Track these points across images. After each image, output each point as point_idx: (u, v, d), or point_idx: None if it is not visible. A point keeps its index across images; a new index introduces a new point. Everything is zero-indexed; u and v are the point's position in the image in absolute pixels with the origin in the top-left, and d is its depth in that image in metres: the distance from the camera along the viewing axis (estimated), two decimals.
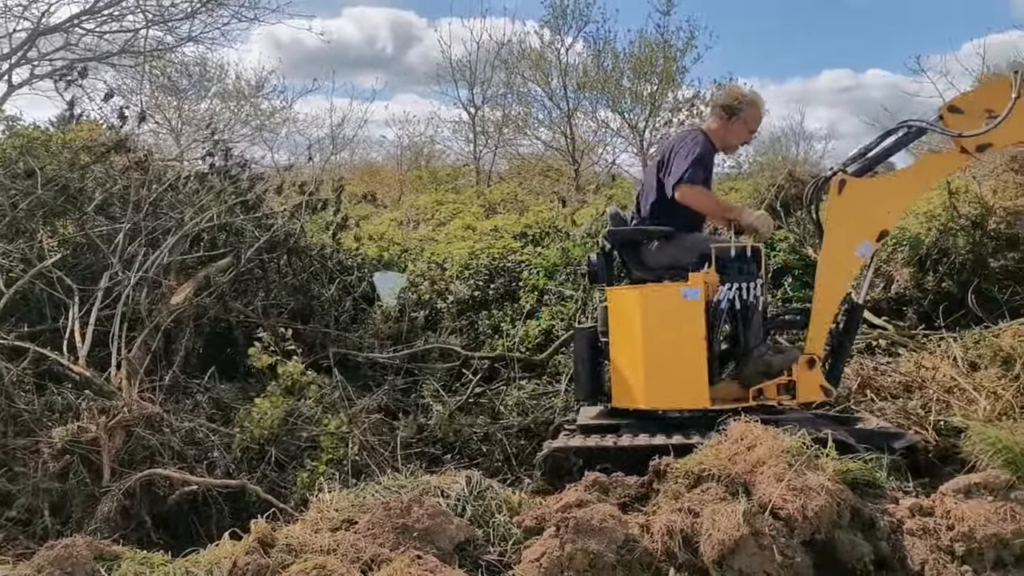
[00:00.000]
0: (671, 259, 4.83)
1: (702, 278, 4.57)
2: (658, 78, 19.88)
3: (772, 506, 3.46)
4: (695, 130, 5.18)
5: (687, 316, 4.55)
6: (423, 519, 3.35)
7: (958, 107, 4.66)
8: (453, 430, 5.74)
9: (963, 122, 4.60)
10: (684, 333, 4.56)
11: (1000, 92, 4.58)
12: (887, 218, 4.74)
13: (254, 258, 6.75)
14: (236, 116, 19.93)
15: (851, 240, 4.67)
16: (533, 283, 7.67)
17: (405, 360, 6.74)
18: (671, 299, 4.61)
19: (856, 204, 4.65)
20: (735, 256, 4.62)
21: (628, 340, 4.72)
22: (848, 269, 4.76)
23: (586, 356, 4.95)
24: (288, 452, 4.94)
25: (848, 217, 4.67)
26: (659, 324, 4.60)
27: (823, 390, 4.71)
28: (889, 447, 4.49)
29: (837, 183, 4.67)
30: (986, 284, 7.15)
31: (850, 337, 4.95)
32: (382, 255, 8.88)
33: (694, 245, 4.82)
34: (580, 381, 5.00)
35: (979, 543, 3.45)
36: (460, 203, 12.95)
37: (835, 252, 4.69)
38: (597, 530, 3.31)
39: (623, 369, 4.75)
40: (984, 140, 4.55)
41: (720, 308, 4.56)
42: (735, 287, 4.56)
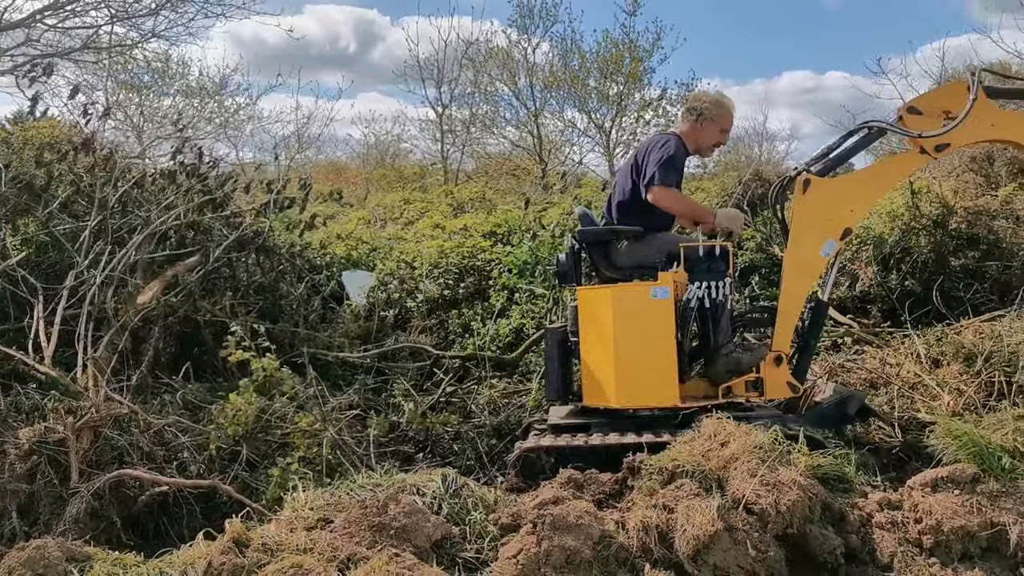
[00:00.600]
0: (640, 258, 4.88)
1: (671, 277, 4.61)
2: (624, 78, 19.99)
3: (745, 501, 3.50)
4: (668, 133, 5.23)
5: (657, 315, 4.59)
6: (400, 517, 3.35)
7: (917, 108, 4.76)
8: (425, 428, 5.73)
9: (922, 123, 4.70)
10: (654, 332, 4.59)
11: (957, 94, 4.69)
12: (850, 217, 4.80)
13: (222, 257, 6.68)
14: (199, 113, 19.72)
15: (816, 239, 4.73)
16: (503, 282, 7.67)
17: (376, 359, 6.72)
18: (641, 298, 4.64)
19: (820, 203, 4.71)
20: (703, 255, 4.68)
21: (598, 339, 4.75)
22: (813, 267, 4.81)
23: (556, 356, 4.96)
24: (259, 452, 4.90)
25: (813, 216, 4.73)
26: (629, 323, 4.63)
27: (790, 387, 4.78)
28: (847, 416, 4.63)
29: (802, 183, 4.73)
30: (948, 282, 7.29)
31: (815, 334, 5.02)
32: (350, 254, 8.83)
33: (662, 245, 4.87)
34: (550, 381, 5.01)
35: (946, 535, 3.52)
36: (428, 202, 12.92)
37: (801, 251, 4.75)
38: (574, 527, 3.32)
39: (593, 368, 4.77)
40: (943, 140, 4.64)
41: (690, 307, 4.61)
42: (704, 286, 4.62)
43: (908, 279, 7.36)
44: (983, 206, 7.96)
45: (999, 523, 3.48)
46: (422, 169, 21.29)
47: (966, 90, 4.65)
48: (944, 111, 4.71)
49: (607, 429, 4.58)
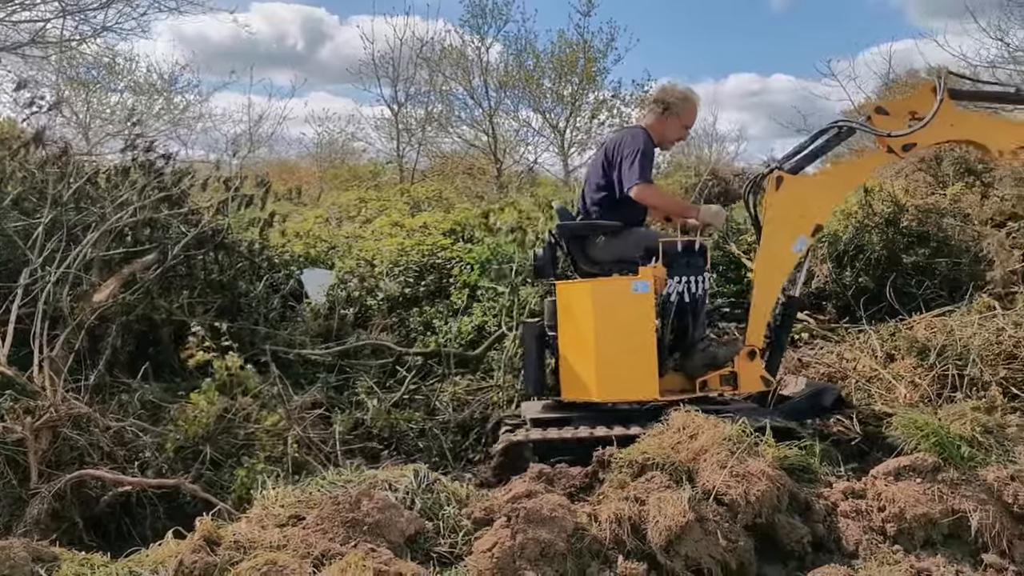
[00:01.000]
0: (618, 253, 4.92)
1: (651, 272, 4.66)
2: (579, 78, 20.09)
3: (716, 492, 3.56)
4: (637, 127, 5.24)
5: (637, 309, 4.64)
6: (373, 512, 3.34)
7: (885, 109, 4.90)
8: (390, 425, 5.70)
9: (889, 123, 4.83)
10: (634, 326, 4.65)
11: (923, 97, 4.83)
12: (821, 213, 4.92)
13: (180, 254, 6.57)
14: (148, 110, 19.35)
15: (789, 235, 4.82)
16: (464, 279, 7.66)
17: (337, 357, 6.66)
18: (621, 293, 4.68)
19: (793, 200, 4.80)
20: (681, 251, 4.74)
21: (578, 333, 4.78)
22: (786, 263, 4.90)
23: (534, 350, 4.97)
24: (223, 450, 4.83)
25: (785, 213, 4.81)
26: (610, 317, 4.67)
27: (763, 380, 4.86)
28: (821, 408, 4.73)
29: (775, 180, 4.82)
30: (900, 278, 7.44)
31: (786, 329, 5.12)
32: (309, 252, 8.75)
33: (640, 240, 4.92)
34: (529, 375, 5.01)
35: (909, 523, 3.62)
36: (385, 200, 12.84)
37: (774, 247, 4.84)
38: (547, 519, 3.35)
39: (573, 362, 4.80)
40: (910, 140, 4.76)
41: (669, 301, 4.67)
42: (683, 280, 4.67)
43: (862, 276, 7.51)
44: (933, 204, 8.16)
45: (960, 510, 3.59)
46: (376, 168, 21.16)
47: (931, 92, 4.80)
48: (911, 112, 4.85)
49: (588, 422, 4.61)
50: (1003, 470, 3.75)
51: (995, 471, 3.74)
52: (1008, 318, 6.35)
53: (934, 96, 4.78)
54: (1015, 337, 6.10)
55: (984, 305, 6.61)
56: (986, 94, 5.32)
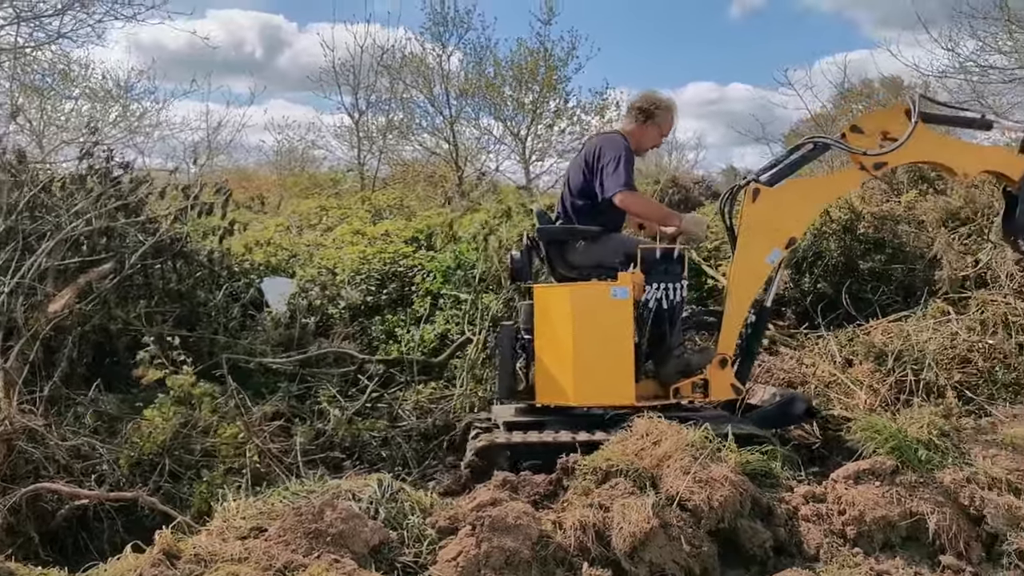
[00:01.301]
0: (597, 258, 4.95)
1: (630, 278, 4.69)
2: (540, 86, 20.15)
3: (679, 498, 3.59)
4: (615, 133, 5.28)
5: (616, 315, 4.68)
6: (337, 523, 3.31)
7: (859, 127, 4.97)
8: (352, 434, 5.66)
9: (862, 141, 4.91)
10: (612, 331, 4.68)
11: (896, 117, 4.93)
12: (795, 226, 4.98)
13: (137, 264, 6.47)
14: (104, 118, 19.03)
15: (763, 246, 4.88)
16: (427, 287, 7.65)
17: (299, 366, 6.60)
18: (600, 297, 4.71)
19: (768, 212, 4.86)
20: (660, 257, 4.78)
21: (555, 337, 4.80)
22: (760, 274, 4.96)
23: (510, 354, 4.97)
24: (183, 462, 4.76)
25: (761, 224, 4.87)
26: (588, 322, 4.70)
27: (733, 388, 4.91)
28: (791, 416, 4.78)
29: (752, 191, 4.87)
30: (857, 284, 7.56)
31: (757, 338, 5.17)
32: (269, 261, 8.67)
33: (619, 245, 4.97)
34: (503, 379, 4.99)
35: (869, 526, 3.67)
36: (346, 208, 12.77)
37: (748, 257, 4.89)
38: (512, 527, 3.35)
39: (549, 366, 4.81)
40: (882, 160, 4.85)
41: (648, 307, 4.71)
42: (661, 287, 4.72)
43: (820, 282, 7.61)
44: (888, 211, 8.29)
45: (918, 512, 3.65)
46: (337, 176, 21.03)
47: (904, 113, 4.90)
48: (883, 131, 4.93)
49: (562, 426, 4.63)
50: (959, 472, 3.83)
51: (951, 473, 3.81)
52: (961, 323, 6.49)
53: (906, 117, 4.88)
54: (968, 341, 6.25)
55: (938, 310, 6.75)
56: (955, 119, 5.40)
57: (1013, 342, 6.25)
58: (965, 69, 14.69)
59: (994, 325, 6.42)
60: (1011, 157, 5.10)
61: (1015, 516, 3.65)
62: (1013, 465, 3.94)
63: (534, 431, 4.64)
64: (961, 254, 7.37)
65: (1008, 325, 6.41)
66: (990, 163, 5.15)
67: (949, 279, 7.12)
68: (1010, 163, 5.06)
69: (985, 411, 5.58)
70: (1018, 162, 5.04)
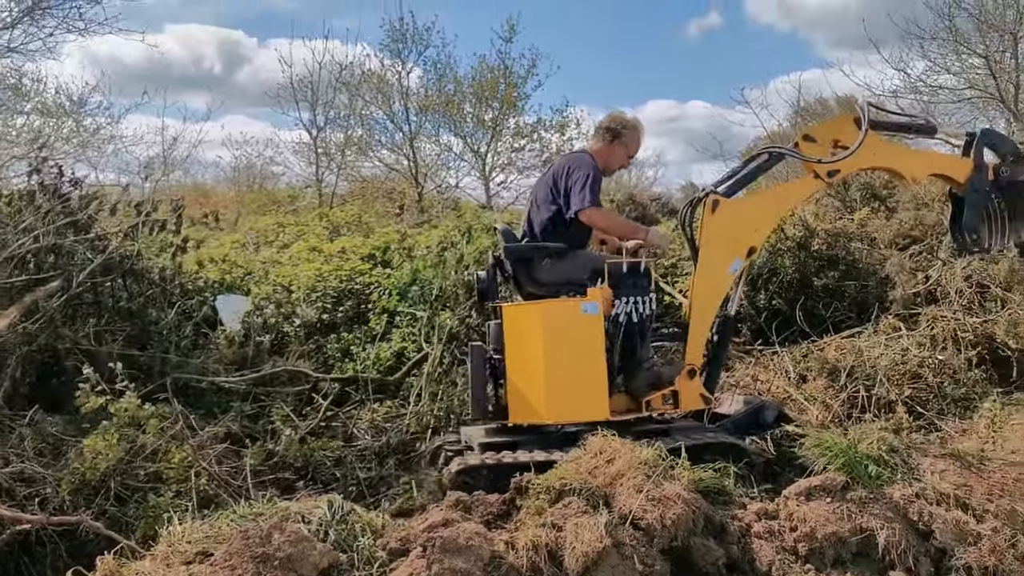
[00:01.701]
0: (565, 275, 4.96)
1: (600, 293, 4.70)
2: (500, 104, 20.20)
3: (632, 517, 3.57)
4: (583, 152, 5.31)
5: (587, 330, 4.67)
6: (285, 546, 3.24)
7: (812, 136, 5.08)
8: (304, 455, 5.57)
9: (815, 150, 5.03)
10: (584, 347, 4.67)
11: (845, 126, 5.06)
12: (755, 236, 5.05)
13: (86, 282, 6.35)
14: (57, 132, 18.70)
15: (724, 257, 4.94)
16: (383, 305, 7.59)
17: (252, 384, 6.51)
18: (571, 314, 4.71)
19: (728, 223, 4.92)
20: (627, 271, 4.80)
21: (526, 356, 4.77)
22: (722, 284, 5.01)
23: (481, 374, 4.92)
24: (129, 486, 4.65)
25: (721, 236, 4.93)
26: (559, 339, 4.69)
27: (703, 398, 4.96)
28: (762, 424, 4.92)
29: (711, 203, 4.92)
30: (811, 301, 7.64)
31: (723, 347, 5.23)
32: (224, 278, 8.55)
33: (586, 261, 5.00)
34: (476, 399, 4.93)
35: (820, 542, 3.68)
36: (303, 225, 12.66)
37: (710, 268, 4.94)
38: (464, 548, 3.30)
39: (521, 386, 4.78)
40: (835, 167, 4.96)
41: (618, 322, 4.72)
42: (631, 301, 4.73)
43: (775, 299, 7.68)
44: (841, 228, 8.42)
45: (868, 528, 3.67)
46: (294, 192, 20.86)
47: (853, 122, 5.03)
48: (834, 140, 5.06)
49: (537, 446, 4.58)
50: (908, 488, 3.86)
51: (901, 489, 3.84)
52: (912, 339, 6.58)
53: (855, 125, 5.02)
54: (919, 357, 6.33)
55: (890, 326, 6.85)
56: (901, 125, 5.56)
57: (962, 357, 6.35)
58: (916, 89, 15.02)
59: (944, 341, 6.53)
60: (956, 161, 5.33)
61: (963, 531, 3.69)
62: (961, 480, 3.99)
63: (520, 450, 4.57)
64: (912, 271, 7.49)
65: (957, 341, 6.53)
66: (936, 167, 5.35)
67: (902, 297, 7.23)
68: (955, 166, 5.28)
69: (935, 426, 5.66)
70: (962, 165, 5.24)
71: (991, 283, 7.01)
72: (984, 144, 5.26)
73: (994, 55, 13.91)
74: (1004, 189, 5.23)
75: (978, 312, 6.83)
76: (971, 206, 5.23)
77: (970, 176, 5.20)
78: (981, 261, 7.15)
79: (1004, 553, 3.59)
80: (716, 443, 4.50)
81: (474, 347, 5.05)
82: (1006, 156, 5.28)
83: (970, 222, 5.23)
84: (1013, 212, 5.26)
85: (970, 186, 5.21)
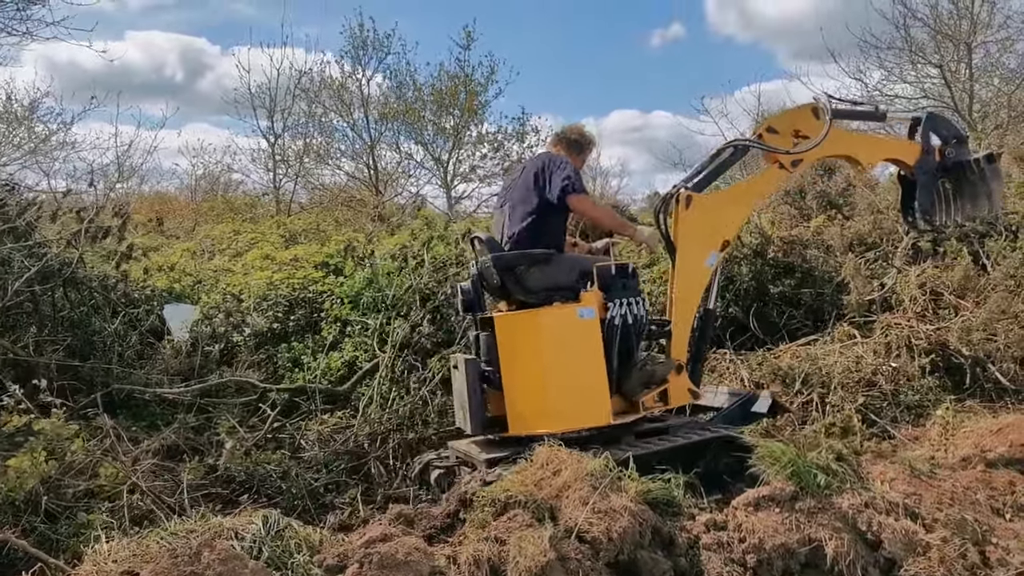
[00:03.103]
0: (552, 280, 4.86)
1: (594, 297, 4.65)
2: (460, 111, 20.13)
3: (578, 530, 3.48)
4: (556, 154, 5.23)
5: (585, 335, 4.63)
6: (215, 565, 3.10)
7: (774, 128, 5.22)
8: (246, 468, 5.39)
9: (778, 141, 5.16)
10: (583, 352, 4.62)
11: (805, 116, 5.22)
12: (728, 229, 5.12)
13: (24, 290, 6.14)
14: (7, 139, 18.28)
15: (700, 251, 4.98)
16: (336, 314, 7.44)
17: (197, 395, 6.34)
18: (568, 320, 4.64)
19: (702, 217, 4.96)
20: (616, 273, 4.76)
21: (525, 365, 4.68)
22: (700, 278, 5.03)
23: (477, 388, 4.78)
24: (61, 501, 4.47)
25: (696, 230, 4.97)
26: (558, 346, 4.63)
27: (690, 393, 4.98)
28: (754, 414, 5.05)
29: (684, 199, 4.95)
30: (767, 308, 7.62)
31: (705, 340, 5.23)
32: (173, 287, 8.36)
33: (574, 264, 4.92)
34: (474, 414, 4.77)
35: (768, 553, 3.61)
36: (258, 233, 12.47)
37: (688, 263, 4.96)
38: (402, 564, 3.20)
39: (521, 395, 4.69)
40: (798, 156, 5.09)
41: (614, 325, 4.67)
42: (624, 303, 4.70)
43: (731, 306, 7.64)
44: (797, 236, 8.42)
45: (816, 539, 3.61)
46: (253, 200, 20.60)
47: (811, 112, 5.20)
48: (795, 131, 5.19)
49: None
50: (857, 497, 3.79)
51: (850, 498, 3.78)
52: (867, 346, 6.58)
53: (814, 116, 5.19)
54: (873, 364, 6.32)
55: (845, 334, 6.84)
56: (856, 112, 5.75)
57: (916, 364, 6.35)
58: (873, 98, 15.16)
59: (898, 348, 6.53)
60: (906, 145, 5.53)
61: (912, 541, 3.63)
62: (911, 489, 3.94)
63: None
64: (867, 279, 7.50)
65: (911, 348, 6.53)
66: (889, 152, 5.59)
67: (856, 303, 7.24)
68: (906, 150, 5.49)
69: (888, 433, 5.63)
70: (911, 148, 5.47)
71: (944, 290, 7.04)
72: (929, 128, 5.49)
73: (948, 64, 14.08)
74: (949, 170, 5.47)
75: (932, 319, 6.84)
76: (923, 187, 5.44)
77: (919, 159, 5.43)
78: (936, 268, 7.19)
79: (953, 563, 3.54)
80: (719, 437, 4.50)
81: (468, 361, 4.87)
82: (949, 139, 5.51)
83: (924, 202, 5.45)
84: (959, 191, 5.49)
85: (919, 168, 5.43)
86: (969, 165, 5.41)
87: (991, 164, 5.40)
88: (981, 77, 14.37)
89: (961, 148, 5.49)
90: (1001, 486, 4.24)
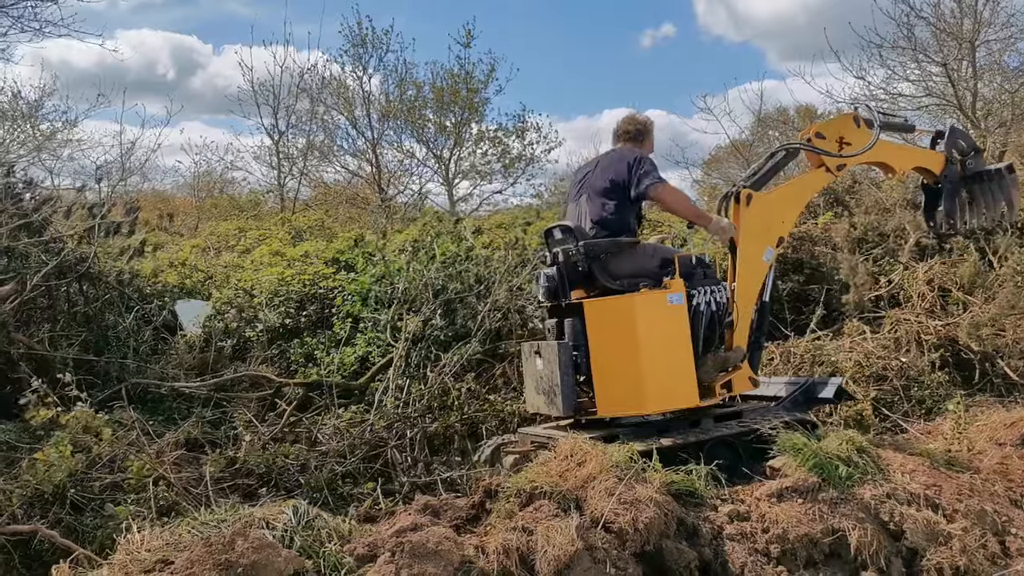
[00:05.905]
0: (637, 267, 4.97)
1: (680, 284, 4.77)
2: (461, 108, 20.14)
3: (604, 520, 3.51)
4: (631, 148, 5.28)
5: (674, 320, 4.75)
6: (248, 553, 3.14)
7: (822, 134, 5.39)
8: (266, 461, 5.43)
9: (824, 145, 5.35)
10: (673, 336, 4.74)
11: (848, 124, 5.47)
12: (782, 226, 5.32)
13: (41, 285, 6.17)
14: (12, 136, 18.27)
15: (759, 247, 5.16)
16: (347, 309, 7.48)
17: (213, 390, 6.37)
18: (660, 305, 4.74)
19: (760, 215, 5.14)
20: (695, 263, 4.93)
21: (618, 349, 4.75)
22: (760, 272, 5.21)
23: (570, 371, 4.83)
24: (86, 493, 4.51)
25: (755, 226, 5.14)
26: (652, 330, 4.71)
27: (751, 381, 5.11)
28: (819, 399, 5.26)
29: (745, 197, 5.13)
30: (777, 305, 7.64)
31: (762, 331, 5.35)
32: (184, 282, 8.38)
33: (655, 252, 5.07)
34: (567, 397, 4.81)
35: (792, 543, 3.66)
36: (265, 230, 12.49)
37: (748, 258, 5.12)
38: (433, 553, 3.23)
39: (612, 378, 4.77)
40: (843, 161, 5.39)
41: (700, 311, 4.82)
42: (708, 291, 4.87)
43: None
44: (806, 233, 8.45)
45: (839, 529, 3.65)
46: (256, 197, 20.60)
47: (852, 120, 5.45)
48: (840, 137, 5.41)
49: (634, 437, 4.55)
50: (879, 488, 3.85)
51: (871, 489, 3.83)
52: (876, 341, 6.62)
53: (855, 124, 5.45)
54: (883, 359, 6.37)
55: (855, 329, 6.88)
56: (892, 124, 6.00)
57: (926, 359, 6.40)
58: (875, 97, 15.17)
59: (907, 343, 6.58)
60: (932, 155, 5.89)
61: (934, 531, 3.69)
62: (930, 481, 3.99)
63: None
64: (872, 275, 7.54)
65: (920, 343, 6.57)
66: (919, 161, 5.88)
67: (855, 302, 7.32)
68: (932, 159, 5.86)
69: (901, 427, 5.68)
70: (937, 158, 5.85)
71: (952, 286, 7.08)
72: (952, 140, 5.82)
73: (952, 63, 14.10)
74: (969, 179, 5.85)
75: (940, 315, 6.89)
76: (948, 194, 5.82)
77: (944, 168, 5.81)
78: (943, 264, 7.24)
79: (975, 553, 3.59)
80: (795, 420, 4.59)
81: (560, 345, 4.91)
82: (968, 150, 5.87)
83: (950, 208, 5.83)
84: (976, 198, 5.86)
85: (945, 177, 5.81)
86: (988, 174, 5.78)
87: (1012, 174, 5.81)
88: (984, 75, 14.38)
89: (978, 158, 5.89)
90: (1018, 477, 4.29)
